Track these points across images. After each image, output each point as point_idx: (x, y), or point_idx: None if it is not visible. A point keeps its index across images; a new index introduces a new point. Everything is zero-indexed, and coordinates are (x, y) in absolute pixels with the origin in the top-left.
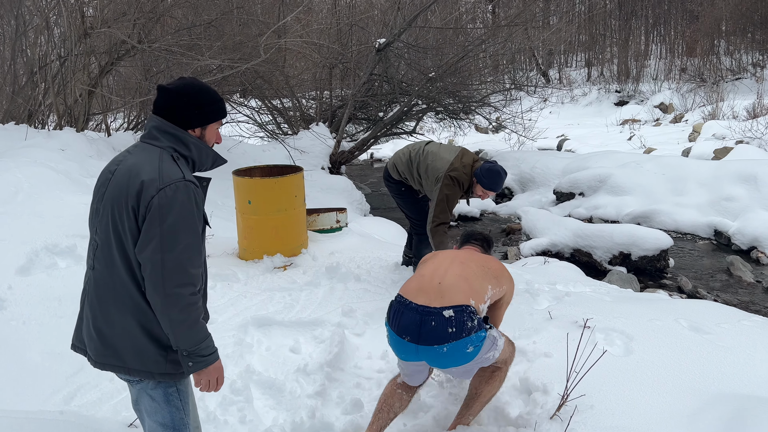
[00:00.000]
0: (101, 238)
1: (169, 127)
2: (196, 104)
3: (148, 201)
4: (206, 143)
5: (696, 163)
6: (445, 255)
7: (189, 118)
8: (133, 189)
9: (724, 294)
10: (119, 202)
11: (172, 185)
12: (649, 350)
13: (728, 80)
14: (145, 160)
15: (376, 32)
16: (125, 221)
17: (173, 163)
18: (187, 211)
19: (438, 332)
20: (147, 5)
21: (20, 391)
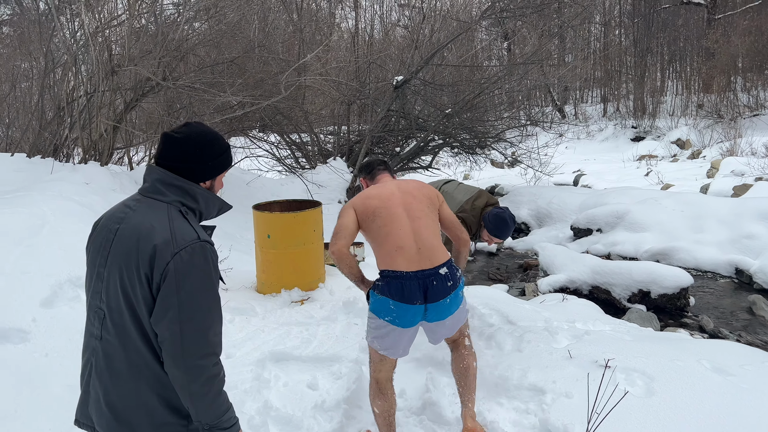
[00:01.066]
0: (110, 306)
1: (175, 179)
2: (209, 156)
3: (163, 268)
4: (213, 193)
5: (715, 200)
6: (395, 216)
7: (201, 171)
8: (144, 254)
9: (747, 334)
10: (129, 268)
11: (188, 248)
12: (671, 391)
13: (746, 116)
14: (153, 218)
15: (394, 69)
16: (137, 289)
17: (184, 220)
18: (205, 274)
19: (441, 288)
20: (172, 44)
21: (42, 423)
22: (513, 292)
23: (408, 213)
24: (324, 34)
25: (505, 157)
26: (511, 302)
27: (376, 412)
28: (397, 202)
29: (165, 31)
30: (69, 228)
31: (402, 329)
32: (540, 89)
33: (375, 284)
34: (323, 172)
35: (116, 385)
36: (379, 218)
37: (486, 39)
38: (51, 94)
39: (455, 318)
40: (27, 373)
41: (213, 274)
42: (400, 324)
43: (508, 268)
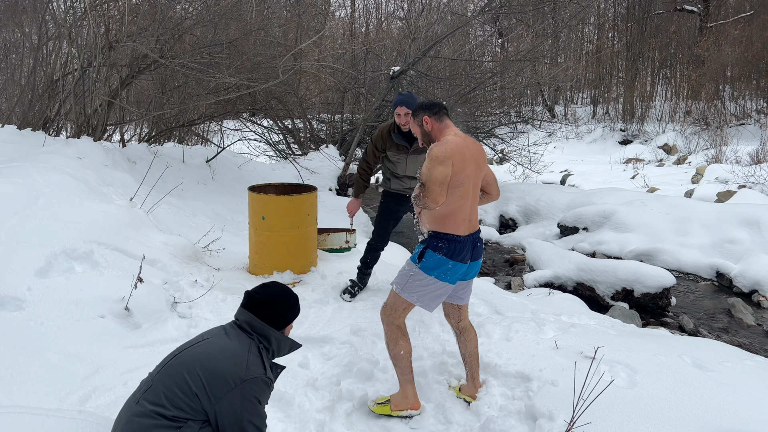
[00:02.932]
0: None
1: (258, 323)
2: (286, 309)
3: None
4: (285, 336)
5: (700, 205)
6: (470, 193)
7: (281, 322)
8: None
9: (725, 335)
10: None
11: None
12: (653, 384)
13: (732, 125)
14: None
15: (389, 60)
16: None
17: (258, 355)
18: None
19: (481, 249)
20: (170, 22)
21: (38, 389)
22: (499, 285)
23: (474, 191)
24: (320, 22)
25: (495, 153)
26: (499, 293)
27: (401, 354)
28: (474, 176)
29: (164, 9)
30: (64, 201)
31: (449, 285)
32: (532, 88)
33: (433, 244)
34: (316, 158)
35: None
36: (462, 187)
37: (481, 35)
38: (43, 66)
39: (472, 280)
40: (23, 340)
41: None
42: (451, 281)
43: (495, 262)
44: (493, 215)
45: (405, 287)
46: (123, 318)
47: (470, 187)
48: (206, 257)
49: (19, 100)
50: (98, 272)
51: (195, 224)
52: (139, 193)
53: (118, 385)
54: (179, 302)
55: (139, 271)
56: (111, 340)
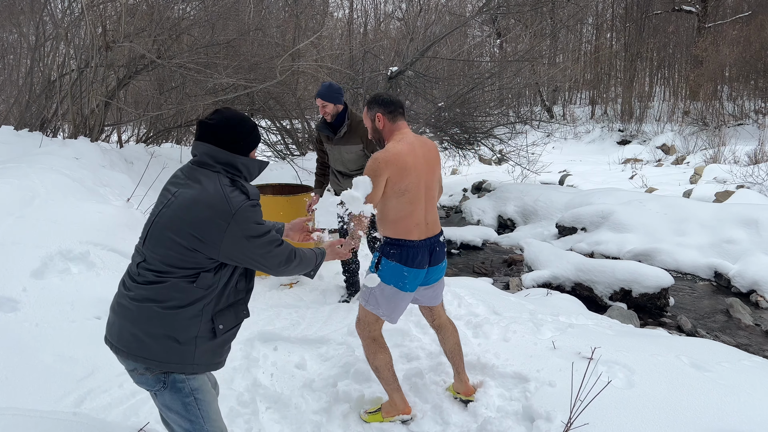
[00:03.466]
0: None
1: (220, 152)
2: (241, 135)
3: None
4: (251, 159)
5: (698, 205)
6: (419, 197)
7: (244, 147)
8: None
9: (723, 335)
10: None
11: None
12: (650, 384)
13: (730, 125)
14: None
15: (387, 60)
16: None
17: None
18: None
19: (441, 253)
20: (168, 22)
21: (33, 391)
22: (497, 285)
23: (426, 193)
24: (318, 22)
25: (494, 153)
26: (497, 294)
27: (379, 367)
28: (422, 179)
29: (161, 10)
30: (60, 201)
31: (406, 294)
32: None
33: (386, 251)
34: (313, 158)
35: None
36: (408, 194)
37: (479, 36)
38: (40, 67)
39: (441, 282)
40: (17, 341)
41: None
42: (409, 288)
43: (493, 262)
44: (491, 215)
45: (369, 299)
46: None
47: (420, 192)
48: None
49: (17, 100)
50: (94, 273)
51: None
52: (135, 194)
53: (114, 386)
54: None
55: None
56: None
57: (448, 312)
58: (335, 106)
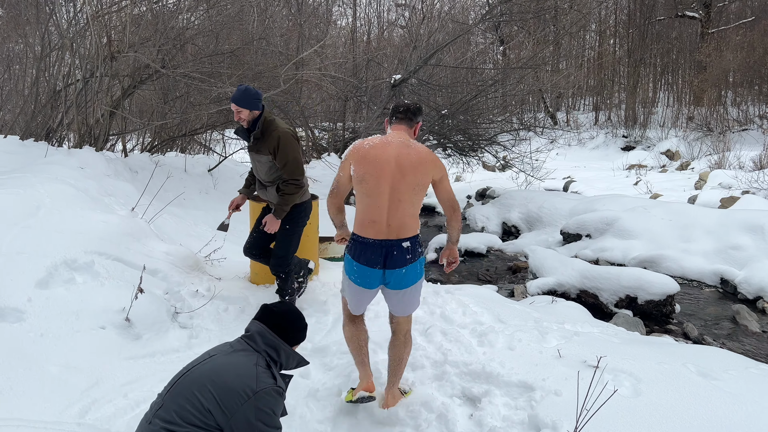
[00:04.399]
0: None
1: (270, 334)
2: (299, 328)
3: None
4: (294, 351)
5: (703, 211)
6: (380, 192)
7: (292, 339)
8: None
9: (730, 342)
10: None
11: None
12: (657, 393)
13: (735, 131)
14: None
15: (391, 68)
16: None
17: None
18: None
19: (400, 258)
20: (172, 32)
21: (37, 401)
22: (502, 293)
23: (392, 194)
24: (321, 30)
25: (498, 160)
26: (501, 302)
27: (345, 338)
28: (387, 176)
29: (165, 19)
30: (64, 211)
31: (361, 288)
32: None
33: (348, 244)
34: (318, 166)
35: None
36: (365, 184)
37: (482, 43)
38: (46, 77)
39: (410, 294)
40: (22, 351)
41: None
42: (361, 284)
43: (498, 269)
44: (495, 222)
45: (342, 281)
46: (124, 329)
47: (380, 189)
48: (208, 267)
49: (22, 110)
50: (99, 283)
51: (196, 233)
52: (140, 203)
53: (118, 396)
54: (180, 312)
55: (140, 282)
56: (111, 352)
57: (452, 320)
58: (251, 113)
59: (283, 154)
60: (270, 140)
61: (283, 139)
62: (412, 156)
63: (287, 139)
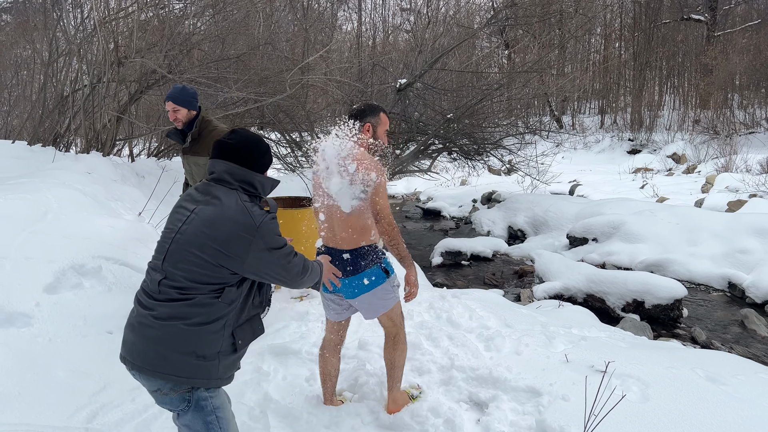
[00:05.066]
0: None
1: (238, 169)
2: (261, 153)
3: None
4: (265, 176)
5: (710, 214)
6: (318, 195)
7: (260, 166)
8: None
9: (738, 347)
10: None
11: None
12: (666, 398)
13: (741, 134)
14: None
15: (396, 73)
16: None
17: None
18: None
19: (339, 269)
20: (179, 38)
21: (46, 407)
22: (508, 297)
23: (328, 207)
24: (327, 35)
25: (503, 164)
26: (508, 306)
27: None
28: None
29: (172, 25)
30: (72, 216)
31: (323, 293)
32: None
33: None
34: None
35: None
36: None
37: (487, 47)
38: (53, 82)
39: (365, 302)
40: (31, 356)
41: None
42: (323, 288)
43: (504, 273)
44: (501, 226)
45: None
46: None
47: (320, 198)
48: None
49: (30, 115)
50: (106, 288)
51: None
52: (147, 208)
53: (126, 401)
54: None
55: None
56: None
57: (458, 324)
58: (188, 112)
59: None
60: (209, 140)
61: None
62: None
63: None
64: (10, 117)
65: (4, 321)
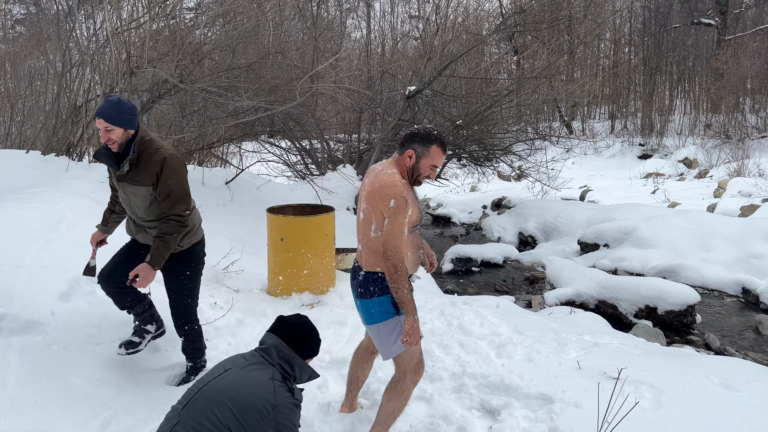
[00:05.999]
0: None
1: (285, 347)
2: (313, 342)
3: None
4: (307, 366)
5: (723, 219)
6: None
7: (306, 352)
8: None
9: (753, 353)
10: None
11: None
12: (680, 405)
13: (754, 138)
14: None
15: (405, 80)
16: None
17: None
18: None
19: (354, 287)
20: (190, 47)
21: (60, 414)
22: (520, 303)
23: (360, 225)
24: (336, 43)
25: (513, 170)
26: (519, 312)
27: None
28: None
29: (183, 35)
30: (86, 225)
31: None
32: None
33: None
34: (333, 178)
35: None
36: None
37: (496, 53)
38: (67, 93)
39: (373, 333)
40: (46, 364)
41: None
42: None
43: (515, 280)
44: (512, 232)
45: None
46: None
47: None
48: (226, 279)
49: (44, 126)
50: None
51: (215, 246)
52: None
53: (140, 408)
54: None
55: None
56: (132, 364)
57: (469, 331)
58: (125, 132)
59: (166, 182)
60: (151, 165)
61: (170, 163)
62: (367, 186)
63: (175, 163)
64: (24, 127)
65: (21, 329)
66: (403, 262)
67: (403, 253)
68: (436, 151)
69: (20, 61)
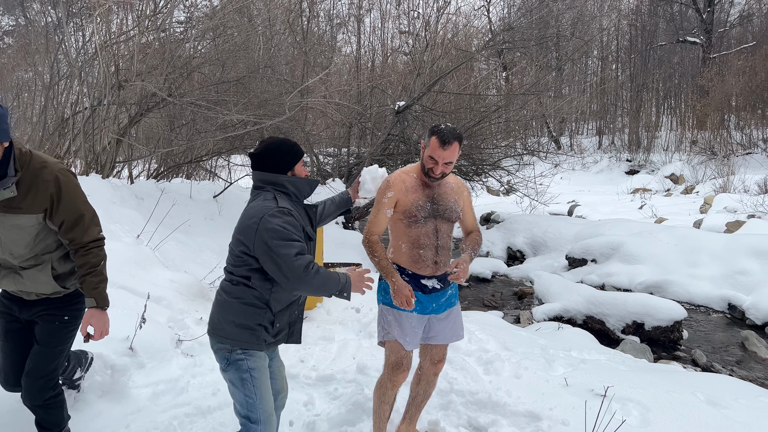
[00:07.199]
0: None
1: (265, 175)
2: (282, 154)
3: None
4: (298, 177)
5: (709, 235)
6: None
7: (282, 166)
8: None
9: (739, 369)
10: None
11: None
12: (666, 423)
13: (739, 154)
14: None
15: (395, 95)
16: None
17: (273, 199)
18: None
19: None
20: (179, 61)
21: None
22: (508, 319)
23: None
24: (326, 58)
25: (502, 185)
26: (507, 329)
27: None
28: None
29: (172, 48)
30: None
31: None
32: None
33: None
34: (322, 192)
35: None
36: None
37: (485, 69)
38: (54, 105)
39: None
40: None
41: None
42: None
43: (503, 295)
44: (500, 247)
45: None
46: (128, 357)
47: None
48: (212, 294)
49: (30, 138)
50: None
51: (202, 260)
52: (146, 230)
53: (121, 427)
54: (183, 340)
55: (144, 311)
56: (115, 380)
57: (457, 347)
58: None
59: (72, 206)
60: (41, 186)
61: (66, 181)
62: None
63: (71, 179)
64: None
65: None
66: (372, 235)
67: (374, 229)
68: (433, 142)
69: (8, 72)
